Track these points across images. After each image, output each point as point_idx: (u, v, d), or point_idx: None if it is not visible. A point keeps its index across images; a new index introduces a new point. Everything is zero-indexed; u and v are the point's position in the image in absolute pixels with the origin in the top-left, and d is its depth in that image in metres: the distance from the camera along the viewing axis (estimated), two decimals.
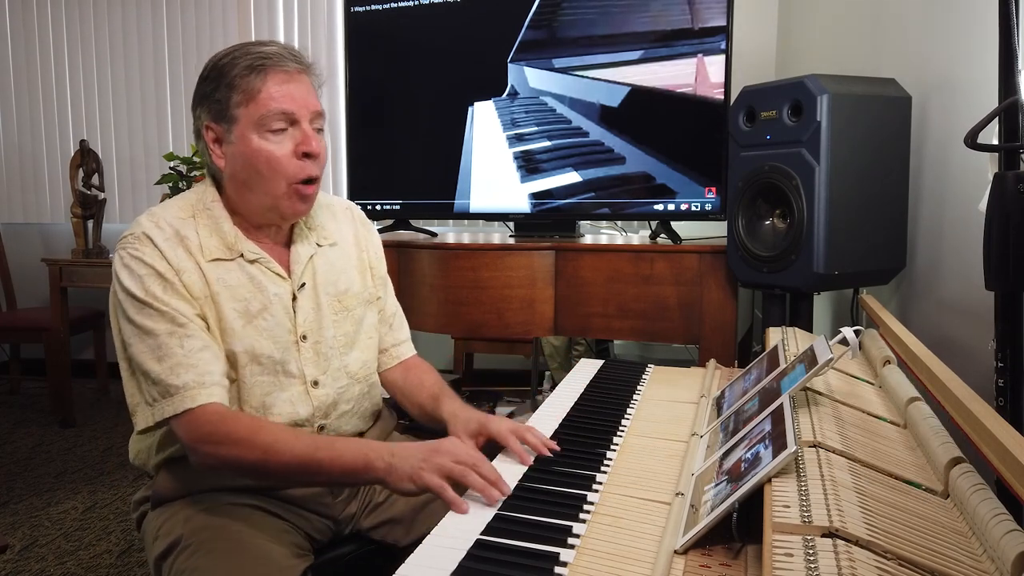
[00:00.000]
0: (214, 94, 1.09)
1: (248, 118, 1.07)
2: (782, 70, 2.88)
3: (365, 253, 1.31)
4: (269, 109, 1.06)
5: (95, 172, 3.36)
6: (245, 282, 1.12)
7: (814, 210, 1.47)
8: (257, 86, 1.07)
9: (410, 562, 0.70)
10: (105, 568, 2.04)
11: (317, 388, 1.17)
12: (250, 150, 1.08)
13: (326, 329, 1.19)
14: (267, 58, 1.08)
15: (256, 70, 1.07)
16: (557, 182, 2.17)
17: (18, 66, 4.06)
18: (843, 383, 1.02)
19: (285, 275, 1.16)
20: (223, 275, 1.10)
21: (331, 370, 1.19)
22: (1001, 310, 0.99)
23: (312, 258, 1.20)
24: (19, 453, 2.96)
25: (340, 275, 1.24)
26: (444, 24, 2.27)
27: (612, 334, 2.04)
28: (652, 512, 0.78)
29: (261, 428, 1.02)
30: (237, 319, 1.10)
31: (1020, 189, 0.93)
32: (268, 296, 1.13)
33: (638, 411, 1.14)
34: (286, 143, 1.08)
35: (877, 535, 0.57)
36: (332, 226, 1.28)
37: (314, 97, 1.12)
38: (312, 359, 1.17)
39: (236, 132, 1.08)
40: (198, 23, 3.85)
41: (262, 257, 1.14)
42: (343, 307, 1.23)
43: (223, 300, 1.09)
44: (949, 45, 1.44)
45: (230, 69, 1.08)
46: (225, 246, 1.12)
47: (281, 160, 1.08)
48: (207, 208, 1.13)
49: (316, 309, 1.19)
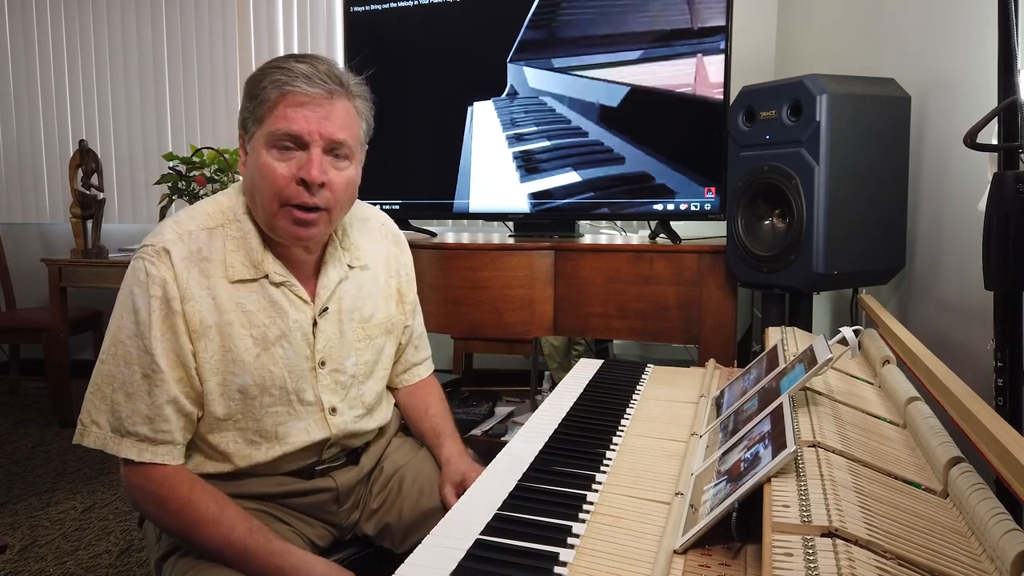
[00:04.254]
0: (246, 103, 1.07)
1: (261, 132, 1.04)
2: (781, 70, 2.88)
3: (395, 278, 1.29)
4: (277, 128, 1.03)
5: (94, 172, 3.36)
6: (266, 306, 1.08)
7: (813, 210, 1.47)
8: (274, 103, 1.03)
9: (409, 562, 0.70)
10: (104, 568, 2.03)
11: (335, 415, 1.15)
12: (257, 162, 1.05)
13: (347, 357, 1.17)
14: (293, 77, 1.03)
15: (277, 86, 1.03)
16: (556, 182, 2.17)
17: (17, 66, 4.06)
18: (842, 383, 1.02)
19: (309, 300, 1.13)
20: (243, 299, 1.07)
21: (348, 398, 1.17)
22: (1000, 310, 0.99)
23: (341, 283, 1.17)
24: (18, 453, 2.96)
25: (367, 301, 1.21)
26: (444, 24, 2.27)
27: (611, 334, 2.04)
28: (651, 512, 0.78)
29: (190, 505, 1.01)
30: (251, 348, 1.07)
31: (1019, 189, 0.93)
32: (288, 323, 1.10)
33: (638, 411, 1.14)
34: (291, 164, 1.04)
35: (877, 535, 0.57)
36: (366, 244, 1.24)
37: (338, 128, 1.05)
38: (330, 386, 1.14)
39: (253, 143, 1.06)
40: (198, 23, 3.84)
41: (288, 281, 1.10)
42: (367, 335, 1.20)
43: (237, 328, 1.06)
44: (948, 45, 1.44)
45: (259, 81, 1.05)
46: (251, 263, 1.08)
47: (278, 178, 1.03)
48: (237, 219, 1.10)
49: (339, 336, 1.16)
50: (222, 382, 1.06)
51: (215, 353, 1.05)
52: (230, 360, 1.05)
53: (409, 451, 1.31)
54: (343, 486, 1.19)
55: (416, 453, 1.31)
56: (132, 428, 1.02)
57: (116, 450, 1.02)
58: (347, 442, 1.20)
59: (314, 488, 1.16)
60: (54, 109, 4.04)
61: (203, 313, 1.04)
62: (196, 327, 1.04)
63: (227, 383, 1.06)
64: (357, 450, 1.23)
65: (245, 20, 3.79)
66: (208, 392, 1.05)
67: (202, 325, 1.04)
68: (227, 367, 1.05)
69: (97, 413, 1.03)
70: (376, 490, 1.24)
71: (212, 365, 1.05)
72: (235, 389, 1.06)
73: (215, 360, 1.05)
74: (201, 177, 3.17)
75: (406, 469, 1.26)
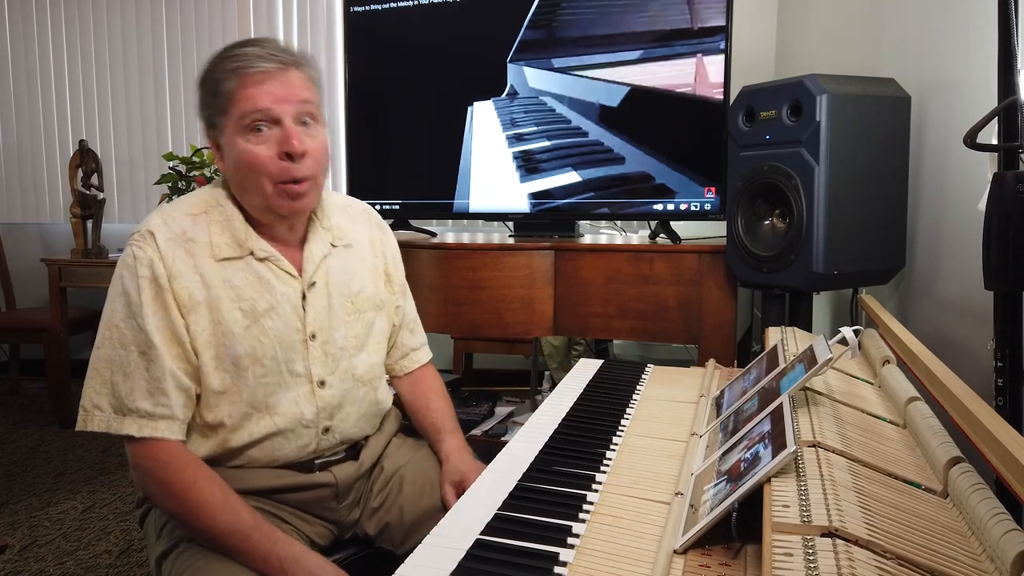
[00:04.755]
0: (205, 101, 1.11)
1: (231, 122, 1.07)
2: (781, 70, 2.88)
3: (381, 259, 1.31)
4: (246, 110, 1.06)
5: (94, 172, 3.36)
6: (253, 281, 1.12)
7: (813, 210, 1.47)
8: (235, 90, 1.06)
9: (409, 562, 0.70)
10: (104, 568, 2.03)
11: (324, 388, 1.16)
12: (237, 153, 1.08)
13: (336, 330, 1.19)
14: (243, 59, 1.07)
15: (233, 73, 1.06)
16: (556, 182, 2.17)
17: (17, 66, 4.06)
18: (842, 383, 1.02)
19: (296, 274, 1.16)
20: (230, 276, 1.10)
21: (339, 371, 1.18)
22: (1000, 310, 0.99)
23: (326, 258, 1.20)
24: (18, 453, 2.96)
25: (354, 277, 1.24)
26: (443, 24, 2.27)
27: (611, 334, 2.04)
28: (651, 512, 0.78)
29: (194, 487, 1.02)
30: (241, 320, 1.10)
31: (1019, 189, 0.93)
32: (275, 295, 1.13)
33: (637, 411, 1.14)
34: (270, 144, 1.07)
35: (876, 535, 0.57)
36: (348, 227, 1.27)
37: (300, 89, 1.09)
38: (320, 359, 1.16)
39: (225, 138, 1.09)
40: (198, 23, 3.84)
41: (272, 255, 1.14)
42: (356, 309, 1.23)
43: (226, 302, 1.09)
44: (948, 45, 1.44)
45: (212, 75, 1.09)
46: (236, 242, 1.12)
47: (265, 162, 1.07)
48: (219, 204, 1.14)
49: (327, 309, 1.18)
50: (215, 355, 1.08)
51: (206, 328, 1.08)
52: (221, 333, 1.08)
53: (410, 450, 1.32)
54: (343, 481, 1.19)
55: (417, 452, 1.31)
56: (133, 405, 1.03)
57: (119, 428, 1.03)
58: (342, 427, 1.20)
59: (313, 483, 1.17)
60: (54, 109, 4.04)
61: (191, 289, 1.07)
62: (185, 302, 1.07)
63: (220, 356, 1.09)
64: (357, 445, 1.24)
65: (245, 20, 3.79)
66: (204, 365, 1.08)
67: (191, 300, 1.07)
68: (219, 340, 1.08)
69: (98, 397, 1.05)
70: (377, 489, 1.25)
71: (204, 339, 1.08)
72: (229, 361, 1.09)
73: (207, 334, 1.08)
74: (201, 177, 3.17)
75: (406, 469, 1.26)
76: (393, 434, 1.34)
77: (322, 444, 1.17)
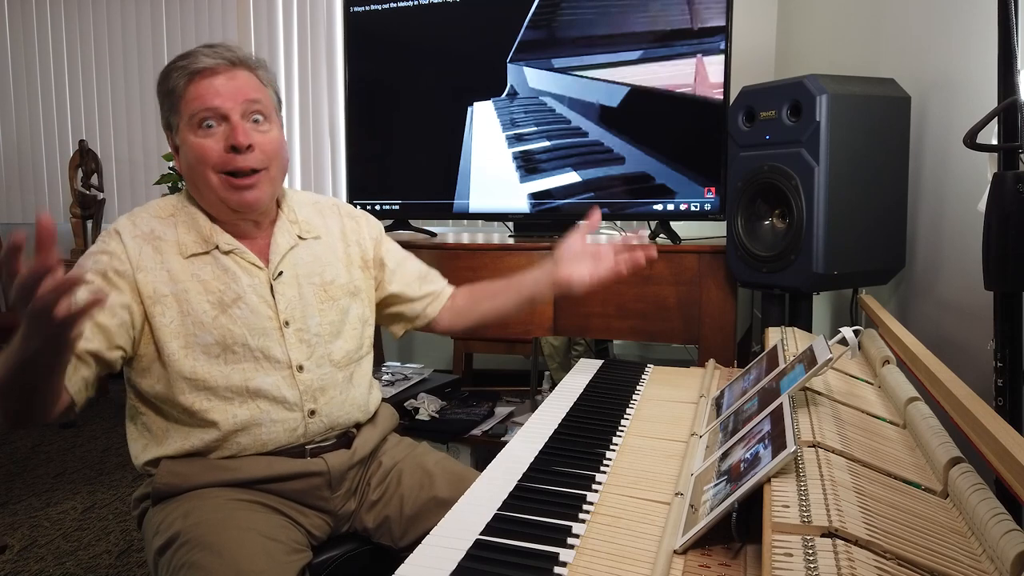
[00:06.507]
0: (162, 104, 1.16)
1: (183, 121, 1.13)
2: (781, 70, 2.88)
3: (356, 247, 1.34)
4: (195, 108, 1.11)
5: (94, 172, 3.37)
6: (219, 274, 1.16)
7: (813, 210, 1.47)
8: (183, 90, 1.12)
9: (409, 562, 0.70)
10: (104, 568, 2.03)
11: (302, 372, 1.19)
12: (187, 149, 1.13)
13: (310, 317, 1.22)
14: (195, 59, 1.12)
15: (183, 72, 1.12)
16: (556, 182, 2.17)
17: (17, 66, 4.06)
18: (842, 383, 1.02)
19: (262, 265, 1.20)
20: (198, 270, 1.15)
21: (315, 356, 1.22)
22: (1000, 310, 0.99)
23: (293, 249, 1.24)
24: (18, 453, 2.96)
25: (326, 267, 1.27)
26: (443, 24, 2.27)
27: (611, 334, 2.04)
28: (651, 512, 0.78)
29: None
30: (209, 310, 1.14)
31: (1019, 189, 0.93)
32: (242, 286, 1.17)
33: (637, 411, 1.14)
34: (217, 138, 1.12)
35: (876, 535, 0.57)
36: (318, 221, 1.31)
37: (249, 89, 1.14)
38: (296, 344, 1.20)
39: (180, 137, 1.14)
40: (198, 23, 3.85)
41: (237, 248, 1.18)
42: (329, 296, 1.26)
43: (194, 294, 1.14)
44: (948, 45, 1.44)
45: (167, 77, 1.14)
46: (202, 239, 1.17)
47: (209, 153, 1.11)
48: (185, 207, 1.20)
49: (299, 297, 1.22)
50: (184, 344, 1.13)
51: (174, 319, 1.13)
52: (190, 323, 1.13)
53: (407, 447, 1.34)
54: (335, 469, 1.20)
55: (414, 449, 1.33)
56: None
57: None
58: (328, 411, 1.21)
59: (305, 470, 1.18)
60: (54, 109, 4.04)
61: (156, 284, 1.12)
62: (150, 294, 1.12)
63: (189, 344, 1.13)
64: (348, 433, 1.26)
65: (245, 20, 3.79)
66: (170, 354, 1.12)
67: (156, 293, 1.12)
68: (188, 330, 1.13)
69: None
70: (375, 483, 1.26)
71: (172, 329, 1.12)
72: (199, 350, 1.13)
73: (175, 325, 1.12)
74: None
75: (404, 463, 1.28)
76: (389, 430, 1.36)
77: (311, 428, 1.19)
